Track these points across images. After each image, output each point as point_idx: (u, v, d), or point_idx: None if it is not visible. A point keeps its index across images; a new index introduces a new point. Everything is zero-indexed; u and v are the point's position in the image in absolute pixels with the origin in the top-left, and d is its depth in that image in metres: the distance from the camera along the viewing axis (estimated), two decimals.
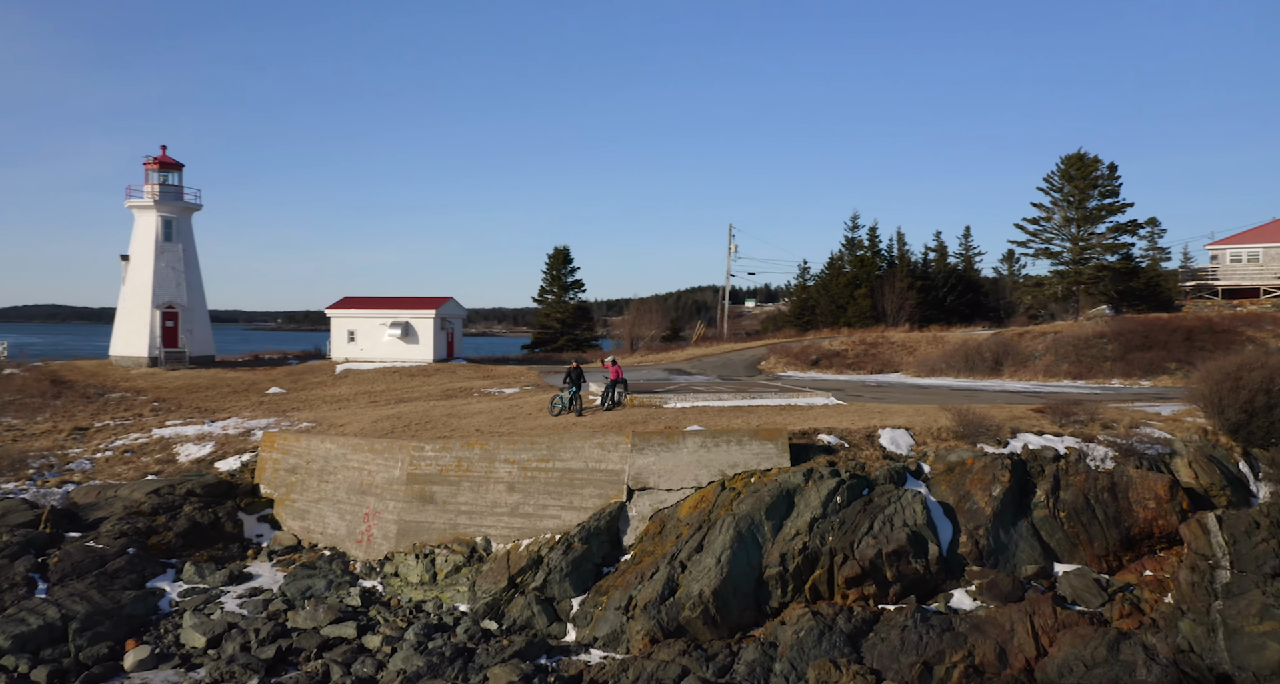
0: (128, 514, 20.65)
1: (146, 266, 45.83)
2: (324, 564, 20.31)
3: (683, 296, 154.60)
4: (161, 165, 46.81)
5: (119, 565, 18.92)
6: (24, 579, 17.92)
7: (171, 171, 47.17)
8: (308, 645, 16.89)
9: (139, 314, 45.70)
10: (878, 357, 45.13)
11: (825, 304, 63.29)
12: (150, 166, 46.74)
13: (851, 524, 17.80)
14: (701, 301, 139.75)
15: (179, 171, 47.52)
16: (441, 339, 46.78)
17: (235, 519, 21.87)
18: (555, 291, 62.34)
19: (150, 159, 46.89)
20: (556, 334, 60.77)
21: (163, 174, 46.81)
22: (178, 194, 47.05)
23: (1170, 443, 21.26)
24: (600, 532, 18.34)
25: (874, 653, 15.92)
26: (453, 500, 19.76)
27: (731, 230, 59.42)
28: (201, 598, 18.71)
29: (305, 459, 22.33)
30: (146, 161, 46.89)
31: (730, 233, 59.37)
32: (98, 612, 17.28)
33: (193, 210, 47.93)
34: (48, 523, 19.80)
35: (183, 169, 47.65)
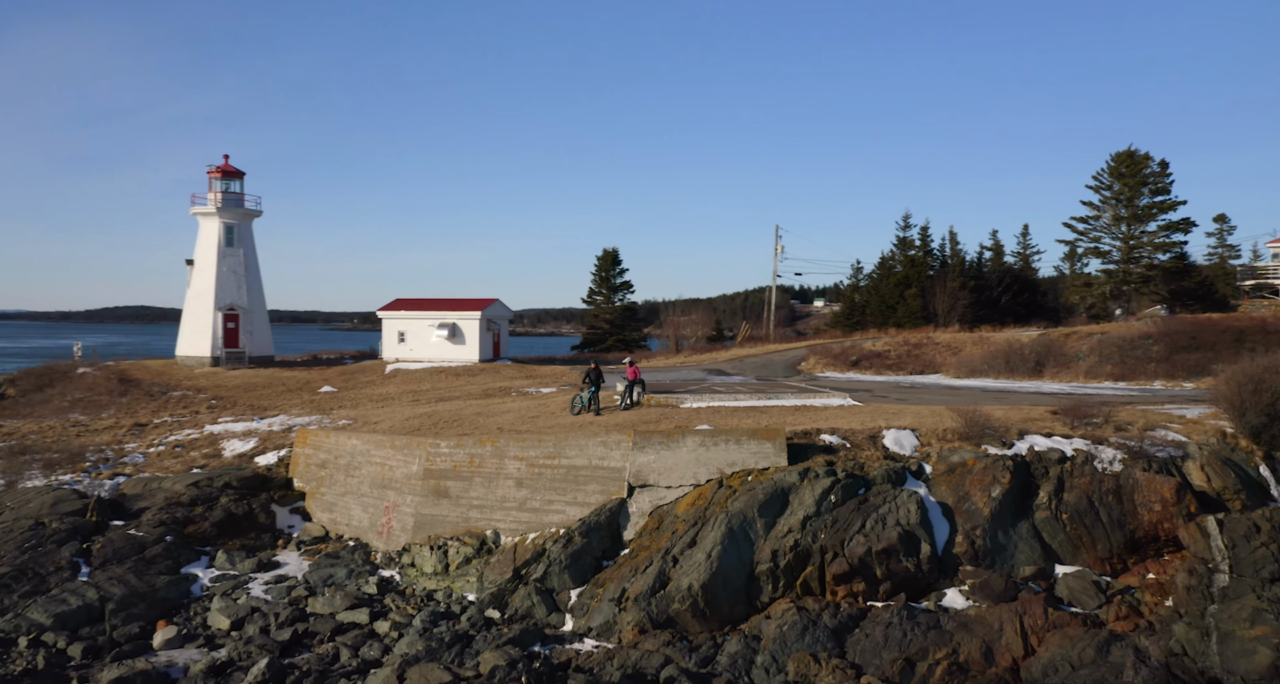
0: (168, 505, 22.04)
1: (209, 271, 48.09)
2: (347, 554, 21.40)
3: (749, 297, 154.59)
4: (224, 173, 49.04)
5: (156, 552, 20.27)
6: (69, 563, 19.36)
7: (233, 179, 49.38)
8: (322, 629, 17.92)
9: (202, 316, 47.98)
10: (920, 357, 44.88)
11: (875, 304, 62.91)
12: (213, 175, 49.01)
13: (844, 522, 18.14)
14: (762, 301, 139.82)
15: (240, 179, 49.72)
16: (488, 340, 48.02)
17: (268, 511, 23.13)
18: (604, 293, 63.22)
19: (213, 167, 49.16)
20: (605, 335, 61.63)
21: (225, 182, 49.04)
22: (239, 201, 49.22)
23: (1184, 446, 21.03)
24: (600, 526, 19.01)
25: (857, 648, 16.27)
26: (465, 495, 20.65)
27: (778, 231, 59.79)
28: (230, 583, 19.94)
29: (334, 455, 23.50)
30: (210, 170, 49.19)
31: (777, 233, 59.61)
32: (133, 594, 18.60)
33: (253, 216, 50.08)
34: (94, 512, 21.27)
35: (243, 177, 49.87)
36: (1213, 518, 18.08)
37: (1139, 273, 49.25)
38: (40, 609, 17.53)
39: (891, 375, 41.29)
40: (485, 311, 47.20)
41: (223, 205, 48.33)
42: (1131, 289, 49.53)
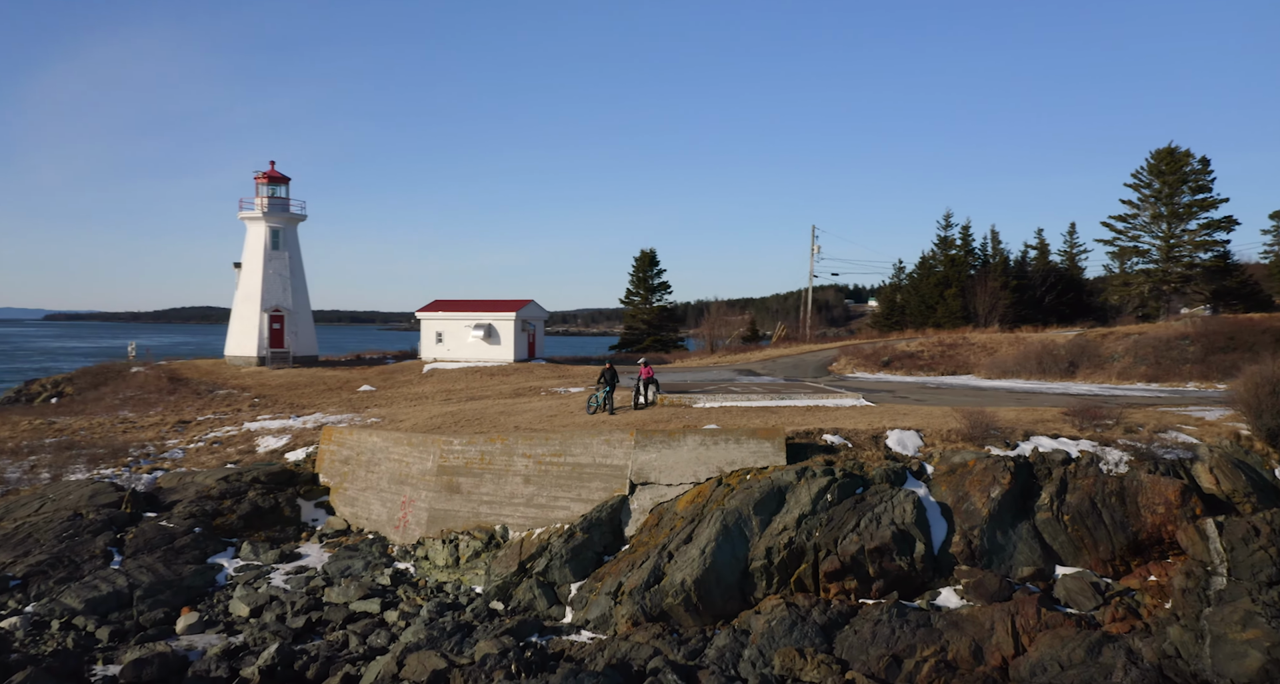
0: (198, 498, 23.12)
1: (256, 273, 49.73)
2: (365, 547, 22.24)
3: (789, 298, 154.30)
4: (270, 179, 50.65)
5: (185, 542, 21.31)
6: (102, 552, 20.48)
7: (279, 185, 50.95)
8: (335, 618, 18.73)
9: (249, 317, 49.62)
10: (954, 358, 44.63)
11: (915, 304, 62.45)
12: (260, 180, 50.66)
13: (838, 521, 18.41)
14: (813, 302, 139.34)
15: (286, 184, 51.27)
16: (523, 340, 48.88)
17: (294, 504, 24.10)
18: (641, 293, 63.73)
19: (260, 173, 50.82)
20: (642, 335, 62.11)
21: (271, 187, 50.63)
22: (284, 205, 50.78)
23: (1194, 448, 20.87)
24: (602, 522, 19.54)
25: (845, 645, 16.54)
26: (476, 491, 21.34)
27: (815, 231, 59.46)
28: (253, 573, 20.88)
29: (356, 451, 24.39)
30: (257, 175, 50.86)
31: (813, 234, 59.50)
32: (161, 582, 19.61)
33: (298, 220, 51.63)
34: (128, 504, 22.42)
35: (289, 182, 51.42)
36: (1211, 520, 17.98)
37: (1179, 272, 48.18)
38: (73, 595, 18.60)
39: (922, 376, 41.14)
40: (520, 312, 48.05)
41: (269, 210, 49.94)
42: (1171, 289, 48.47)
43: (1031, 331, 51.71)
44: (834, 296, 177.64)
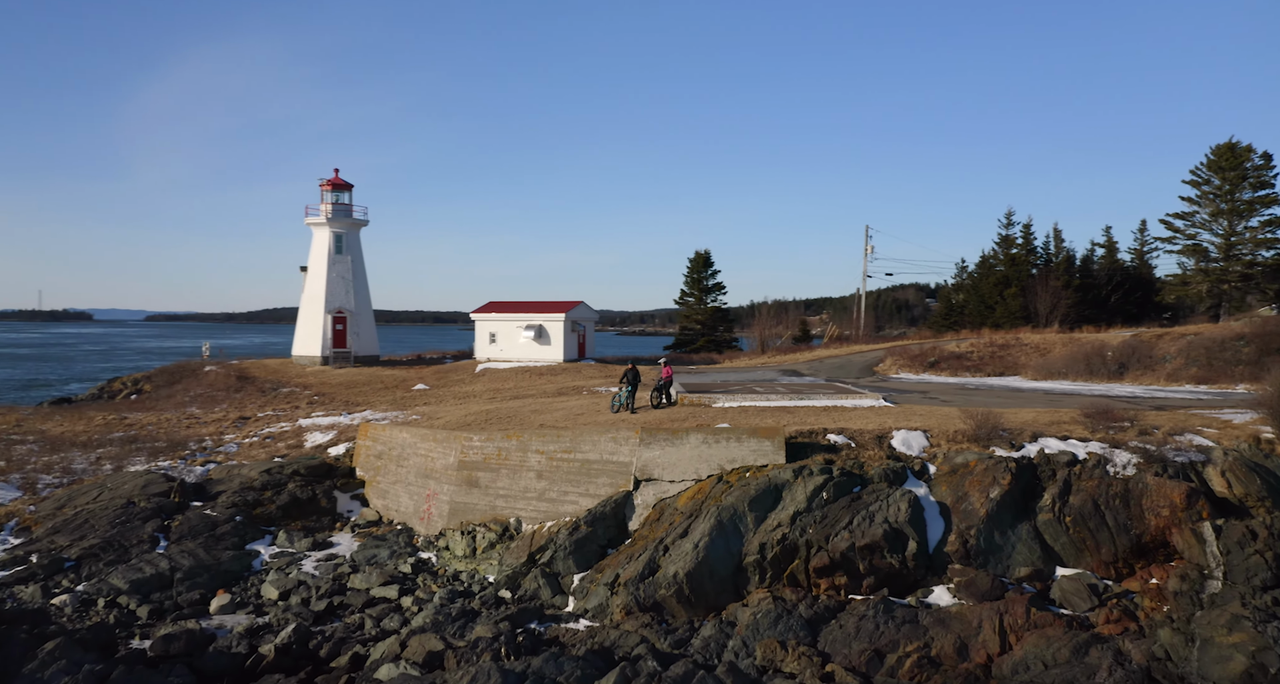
0: (241, 489, 24.67)
1: (320, 276, 51.92)
2: (392, 537, 23.45)
3: (841, 300, 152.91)
4: (334, 186, 52.82)
5: (225, 530, 22.82)
6: (150, 537, 22.10)
7: (342, 191, 53.09)
8: (355, 602, 19.91)
9: (314, 318, 51.85)
10: (1003, 359, 44.07)
11: (975, 304, 61.53)
12: (324, 187, 52.86)
13: (832, 518, 18.81)
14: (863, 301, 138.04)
15: (349, 191, 53.39)
16: (572, 341, 49.95)
17: (330, 496, 25.50)
18: (695, 294, 64.24)
19: (324, 181, 53.02)
20: (696, 335, 62.62)
21: (335, 194, 52.81)
22: (347, 212, 52.89)
23: (1209, 451, 20.63)
24: (606, 517, 20.32)
25: (829, 639, 16.96)
26: (493, 485, 22.34)
27: (868, 231, 59.05)
28: (287, 560, 22.26)
29: (388, 446, 25.66)
30: (321, 183, 53.08)
31: (867, 234, 59.08)
32: (200, 566, 21.11)
33: (360, 226, 53.69)
34: (176, 494, 24.08)
35: (352, 189, 53.50)
36: (1208, 524, 17.86)
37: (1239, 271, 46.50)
38: (120, 576, 20.19)
39: (968, 377, 40.78)
40: (569, 313, 49.14)
41: (332, 216, 52.09)
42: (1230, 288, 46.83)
43: (1092, 332, 50.60)
44: (914, 295, 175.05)
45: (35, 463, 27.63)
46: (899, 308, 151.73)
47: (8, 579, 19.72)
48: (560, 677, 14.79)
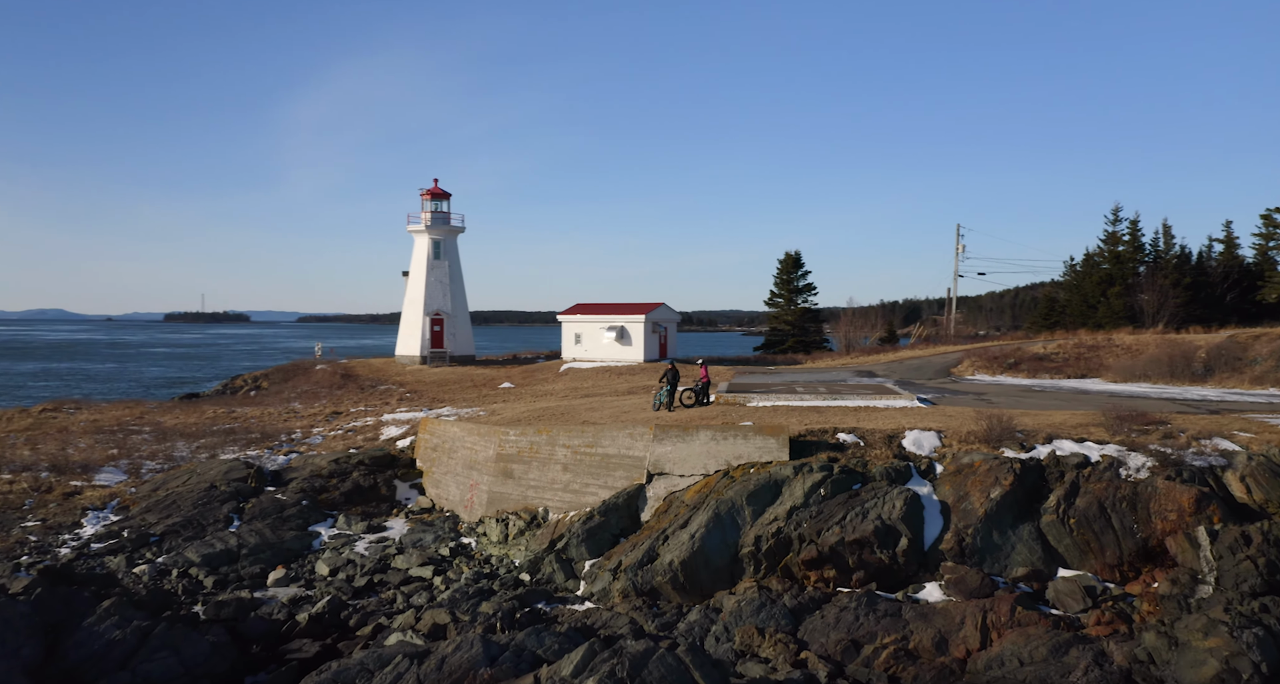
0: (311, 476, 27.15)
1: (420, 281, 55.08)
2: (440, 523, 25.37)
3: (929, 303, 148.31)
4: (433, 195, 55.89)
5: (292, 513, 25.26)
6: (225, 517, 24.73)
7: (441, 200, 56.11)
8: (393, 580, 21.84)
9: (414, 320, 55.04)
10: (1089, 361, 42.85)
11: (1076, 303, 59.43)
12: (424, 196, 56.01)
13: (827, 514, 19.50)
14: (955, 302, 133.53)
15: (447, 200, 56.36)
16: (653, 341, 51.31)
17: (390, 485, 27.69)
18: (784, 295, 64.45)
19: (425, 190, 56.18)
20: (785, 336, 62.85)
21: (434, 203, 55.86)
22: (445, 219, 55.85)
23: (1232, 455, 20.24)
24: (619, 507, 21.57)
25: (809, 628, 17.71)
26: (525, 477, 23.94)
27: (959, 230, 57.82)
28: (342, 541, 24.48)
29: (442, 440, 27.67)
30: (422, 192, 56.26)
31: (958, 232, 57.92)
32: (264, 544, 23.52)
33: (457, 232, 56.60)
34: (253, 479, 26.73)
35: (450, 198, 56.46)
36: (1204, 528, 17.67)
37: None
38: (194, 550, 22.78)
39: (1045, 379, 39.93)
40: (650, 314, 50.52)
41: (431, 223, 55.17)
42: None
43: (1199, 332, 48.37)
44: (1013, 295, 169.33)
45: (144, 450, 31.04)
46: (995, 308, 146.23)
47: (101, 550, 22.59)
48: (540, 650, 16.14)
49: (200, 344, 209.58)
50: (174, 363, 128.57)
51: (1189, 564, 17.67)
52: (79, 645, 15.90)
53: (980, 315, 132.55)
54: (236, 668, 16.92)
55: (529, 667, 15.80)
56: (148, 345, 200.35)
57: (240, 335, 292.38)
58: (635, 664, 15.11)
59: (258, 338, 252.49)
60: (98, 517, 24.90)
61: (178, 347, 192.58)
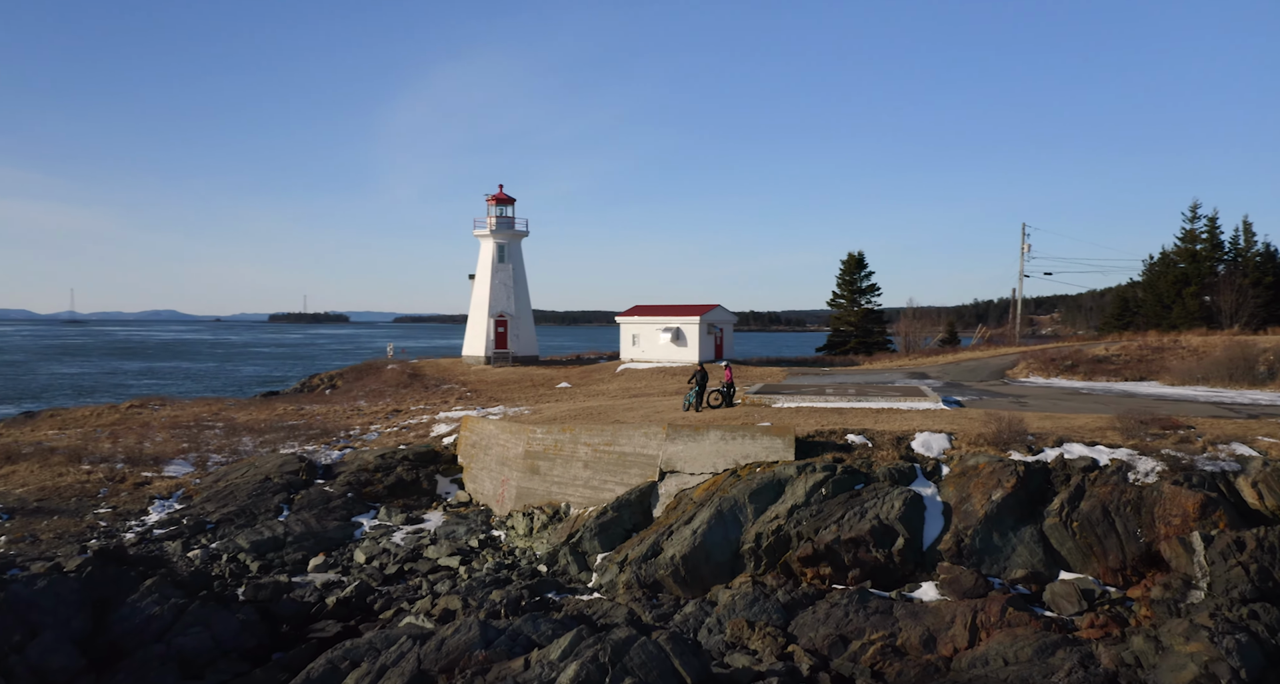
0: (358, 470, 28.79)
1: (485, 283, 56.89)
2: (473, 516, 26.67)
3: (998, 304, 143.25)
4: (498, 201, 57.65)
5: (337, 504, 26.90)
6: (275, 508, 26.50)
7: (506, 205, 57.83)
8: (422, 569, 23.17)
9: (479, 322, 56.89)
10: (1151, 363, 41.77)
11: (1151, 304, 57.63)
12: (490, 202, 57.81)
13: (826, 513, 20.00)
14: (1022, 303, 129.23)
15: (511, 205, 58.05)
16: (708, 342, 51.93)
17: (432, 479, 29.15)
18: (846, 296, 64.15)
19: (490, 196, 57.98)
20: (848, 337, 62.58)
21: (499, 208, 57.62)
22: (510, 224, 57.54)
23: (1247, 461, 19.98)
24: (631, 504, 22.44)
25: (800, 623, 18.26)
26: (550, 473, 25.02)
27: (1025, 229, 56.60)
28: (381, 531, 25.97)
29: (480, 437, 29.00)
30: (487, 198, 58.07)
31: (1023, 231, 56.67)
32: (309, 533, 25.17)
33: (521, 237, 58.24)
34: (304, 473, 28.51)
35: (514, 203, 58.09)
36: (1198, 533, 17.58)
37: None
38: (244, 537, 24.55)
39: (1101, 382, 39.14)
40: (705, 316, 51.16)
41: (496, 228, 56.94)
42: None
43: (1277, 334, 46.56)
44: (1084, 296, 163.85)
45: (213, 445, 33.28)
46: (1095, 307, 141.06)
47: (161, 535, 24.56)
48: (535, 635, 17.13)
49: (300, 344, 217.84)
50: (270, 362, 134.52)
51: (1183, 569, 17.63)
52: (122, 619, 17.58)
53: (1080, 315, 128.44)
54: (264, 644, 18.39)
55: (522, 650, 16.78)
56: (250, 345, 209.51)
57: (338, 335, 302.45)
58: (617, 650, 15.94)
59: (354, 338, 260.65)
60: (163, 505, 26.98)
61: (278, 347, 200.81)
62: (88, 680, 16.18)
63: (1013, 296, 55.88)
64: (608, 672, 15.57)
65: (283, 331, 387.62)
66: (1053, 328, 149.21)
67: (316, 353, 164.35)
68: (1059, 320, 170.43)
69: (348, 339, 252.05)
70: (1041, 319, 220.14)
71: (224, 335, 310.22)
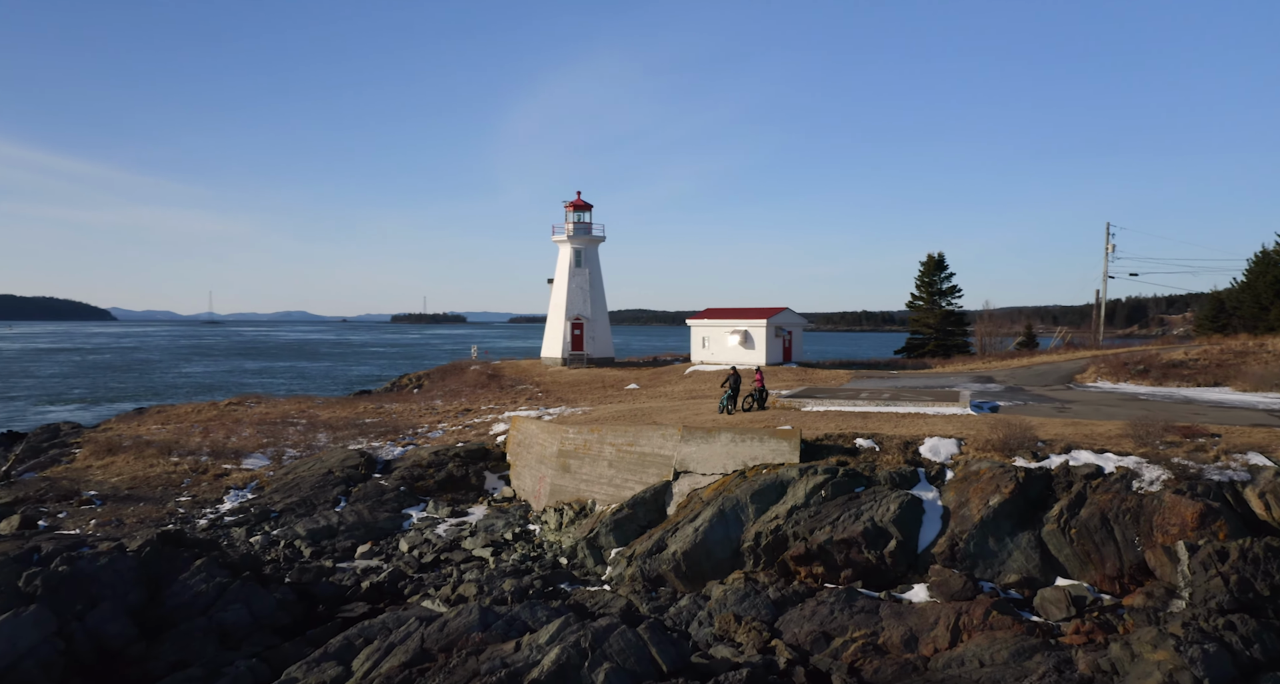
0: (412, 466, 30.80)
1: (562, 287, 58.78)
2: (513, 510, 28.25)
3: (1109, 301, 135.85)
4: (575, 207, 59.46)
5: (390, 497, 28.91)
6: (334, 499, 28.70)
7: (583, 212, 59.58)
8: (456, 558, 24.84)
9: (557, 324, 58.83)
10: (1226, 368, 40.20)
11: (1248, 305, 54.93)
12: (568, 208, 59.68)
13: (823, 514, 20.67)
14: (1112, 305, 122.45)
15: (589, 211, 59.77)
16: (776, 345, 52.37)
17: (480, 475, 30.90)
18: (925, 298, 63.27)
19: (568, 202, 59.83)
20: (927, 338, 61.76)
21: (576, 214, 59.41)
22: (587, 230, 59.27)
23: (1259, 471, 19.67)
24: (646, 502, 23.53)
25: (786, 619, 19.03)
26: (579, 471, 26.36)
27: (1109, 228, 54.59)
28: (427, 523, 27.82)
29: (524, 436, 30.59)
30: (566, 204, 59.94)
31: (1108, 231, 54.69)
32: (361, 523, 27.22)
33: (598, 242, 59.87)
34: (363, 467, 30.68)
35: (592, 209, 59.81)
36: (1183, 543, 17.52)
37: None
38: (301, 526, 26.75)
39: (1169, 387, 37.94)
40: (772, 319, 51.64)
41: (573, 234, 58.76)
42: None
43: None
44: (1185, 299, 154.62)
45: (292, 440, 35.97)
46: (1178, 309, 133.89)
47: (230, 522, 27.01)
48: (530, 621, 18.46)
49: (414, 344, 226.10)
50: (381, 362, 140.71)
51: (1167, 578, 17.64)
52: (172, 595, 19.76)
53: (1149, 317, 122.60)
54: (299, 621, 20.31)
55: (517, 634, 18.14)
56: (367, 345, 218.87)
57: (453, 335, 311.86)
58: (598, 636, 17.13)
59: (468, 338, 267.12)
60: (237, 495, 29.56)
61: (393, 347, 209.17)
62: (138, 648, 18.33)
63: (1096, 298, 54.03)
64: (587, 656, 16.79)
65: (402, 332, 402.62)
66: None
67: (428, 353, 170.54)
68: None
69: (461, 339, 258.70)
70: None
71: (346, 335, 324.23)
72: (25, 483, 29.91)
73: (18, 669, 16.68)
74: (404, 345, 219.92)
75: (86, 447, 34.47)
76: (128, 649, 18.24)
